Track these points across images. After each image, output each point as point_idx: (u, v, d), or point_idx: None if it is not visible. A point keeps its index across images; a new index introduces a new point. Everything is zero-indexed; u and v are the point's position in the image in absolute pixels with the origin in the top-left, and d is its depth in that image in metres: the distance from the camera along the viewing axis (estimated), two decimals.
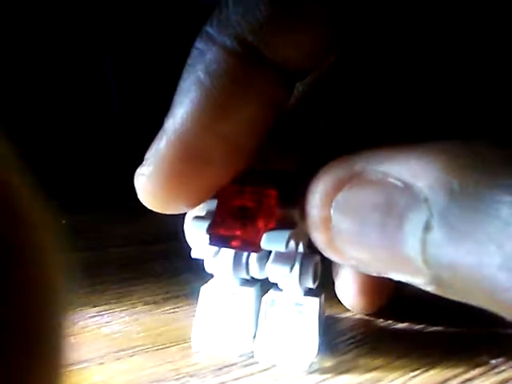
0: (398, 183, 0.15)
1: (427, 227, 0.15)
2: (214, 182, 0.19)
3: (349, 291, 0.25)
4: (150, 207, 0.20)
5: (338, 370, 0.21)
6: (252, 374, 0.21)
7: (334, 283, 0.25)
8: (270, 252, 0.21)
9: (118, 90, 0.63)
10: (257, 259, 0.22)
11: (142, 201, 0.20)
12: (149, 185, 0.19)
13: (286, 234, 0.19)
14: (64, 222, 0.39)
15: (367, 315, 0.25)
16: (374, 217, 0.16)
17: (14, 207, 0.09)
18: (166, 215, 0.21)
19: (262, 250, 0.20)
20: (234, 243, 0.20)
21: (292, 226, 0.20)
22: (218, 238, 0.20)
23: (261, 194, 0.20)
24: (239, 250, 0.21)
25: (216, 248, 0.21)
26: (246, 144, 0.19)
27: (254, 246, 0.20)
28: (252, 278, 0.22)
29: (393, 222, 0.15)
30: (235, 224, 0.20)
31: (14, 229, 0.09)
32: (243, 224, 0.20)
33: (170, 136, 0.18)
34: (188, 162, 0.18)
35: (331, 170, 0.17)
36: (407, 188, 0.15)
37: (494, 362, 0.21)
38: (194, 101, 0.18)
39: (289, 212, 0.20)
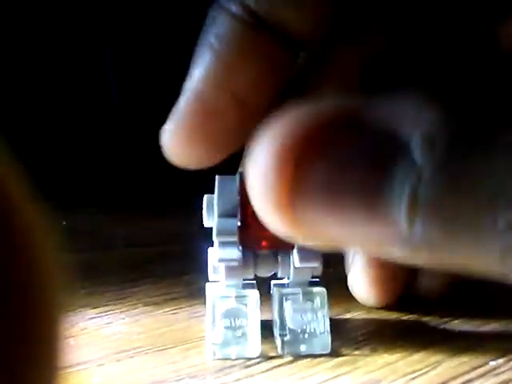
0: (384, 129, 0.12)
1: (418, 179, 0.12)
2: (228, 137, 0.21)
3: (362, 284, 0.26)
4: (174, 161, 0.22)
5: (338, 371, 0.21)
6: (252, 376, 0.21)
7: (337, 282, 0.25)
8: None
9: (118, 91, 0.63)
10: (265, 258, 0.22)
11: (167, 155, 0.21)
12: (171, 139, 0.21)
13: None
14: (64, 223, 0.39)
15: (367, 316, 0.26)
16: (352, 172, 0.13)
17: (9, 209, 0.09)
18: (164, 218, 0.21)
19: (294, 247, 0.21)
20: (265, 244, 0.21)
21: None
22: (250, 241, 0.21)
23: None
24: (270, 249, 0.22)
25: (225, 254, 0.21)
26: (253, 101, 0.21)
27: (288, 244, 0.21)
28: (255, 278, 0.23)
29: (375, 177, 0.12)
30: (263, 225, 0.21)
31: (10, 231, 0.09)
32: None
33: (188, 95, 0.20)
34: (204, 117, 0.20)
35: (291, 114, 0.13)
36: (395, 135, 0.12)
37: (493, 363, 0.21)
38: (206, 63, 0.20)
39: None
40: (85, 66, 0.62)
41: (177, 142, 0.21)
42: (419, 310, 0.26)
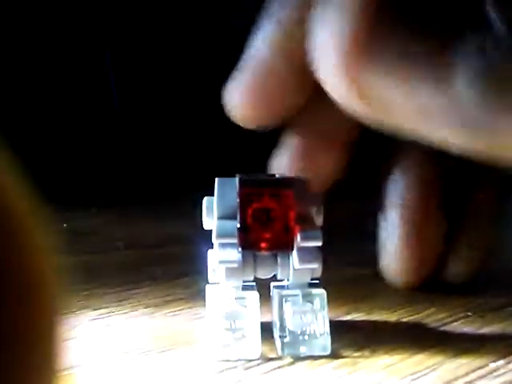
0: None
1: (487, 43, 0.13)
2: (288, 100, 0.23)
3: (393, 267, 0.27)
4: (237, 119, 0.23)
5: (339, 372, 0.21)
6: (252, 377, 0.21)
7: (337, 283, 0.25)
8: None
9: (119, 92, 0.63)
10: (265, 260, 0.22)
11: (229, 113, 0.23)
12: (234, 97, 0.23)
13: (317, 229, 0.21)
14: (65, 225, 0.39)
15: (367, 317, 0.26)
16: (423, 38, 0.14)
17: (5, 210, 0.09)
18: (164, 220, 0.21)
19: (293, 248, 0.21)
20: (265, 245, 0.21)
21: (311, 222, 0.22)
22: (248, 243, 0.21)
23: (279, 194, 0.21)
24: (270, 251, 0.22)
25: (225, 256, 0.21)
26: (311, 68, 0.21)
27: (287, 246, 0.21)
28: (254, 280, 0.23)
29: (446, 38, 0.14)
30: (262, 227, 0.21)
31: (6, 232, 0.09)
32: (270, 226, 0.21)
33: (250, 59, 0.22)
34: (265, 79, 0.22)
35: None
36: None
37: (493, 365, 0.21)
38: (269, 30, 0.22)
39: (305, 209, 0.22)
40: (85, 68, 0.62)
41: (239, 100, 0.22)
42: (420, 312, 0.26)
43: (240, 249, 0.21)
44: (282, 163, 0.26)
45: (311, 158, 0.26)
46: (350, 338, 0.23)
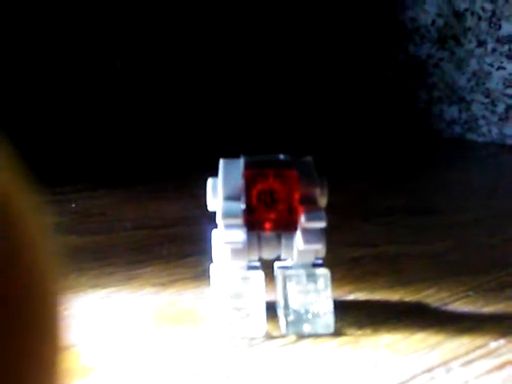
0: None
1: None
2: None
3: None
4: None
5: (340, 351, 0.21)
6: (256, 355, 0.21)
7: (340, 263, 0.26)
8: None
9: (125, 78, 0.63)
10: (269, 241, 0.23)
11: None
12: None
13: (321, 211, 0.22)
14: (73, 205, 0.39)
15: (369, 297, 0.26)
16: None
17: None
18: (170, 200, 0.21)
19: (297, 229, 0.22)
20: (269, 226, 0.22)
21: (315, 203, 0.22)
22: (253, 224, 0.22)
23: (283, 175, 0.22)
24: (274, 231, 0.22)
25: (230, 236, 0.22)
26: None
27: (291, 226, 0.22)
28: (259, 260, 0.23)
29: None
30: (267, 207, 0.22)
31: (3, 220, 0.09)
32: (274, 207, 0.22)
33: None
34: None
35: None
36: None
37: (494, 344, 0.22)
38: None
39: (309, 190, 0.22)
40: (88, 28, 0.62)
41: None
42: (421, 291, 0.26)
43: (245, 229, 0.22)
44: None
45: None
46: (352, 317, 0.24)
